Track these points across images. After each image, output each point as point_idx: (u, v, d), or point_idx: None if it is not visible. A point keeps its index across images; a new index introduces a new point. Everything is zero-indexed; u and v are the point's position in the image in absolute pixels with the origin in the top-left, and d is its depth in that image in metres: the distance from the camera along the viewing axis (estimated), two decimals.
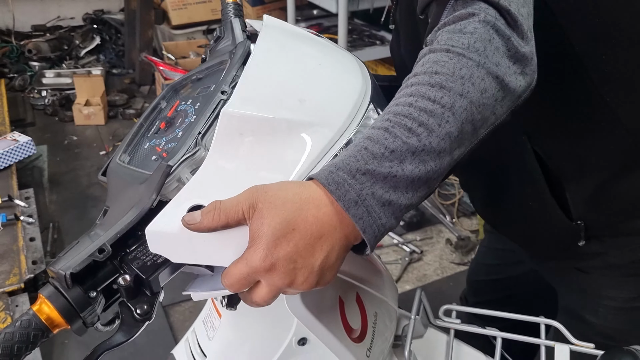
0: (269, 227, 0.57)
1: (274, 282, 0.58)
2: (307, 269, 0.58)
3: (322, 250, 0.58)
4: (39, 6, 4.87)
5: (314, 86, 0.71)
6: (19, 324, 0.60)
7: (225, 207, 0.58)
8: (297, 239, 0.57)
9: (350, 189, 0.57)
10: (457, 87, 0.60)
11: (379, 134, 0.59)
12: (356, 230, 0.58)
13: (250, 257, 0.57)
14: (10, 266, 1.98)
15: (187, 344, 0.96)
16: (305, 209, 0.57)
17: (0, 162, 2.47)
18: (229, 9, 0.87)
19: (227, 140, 0.64)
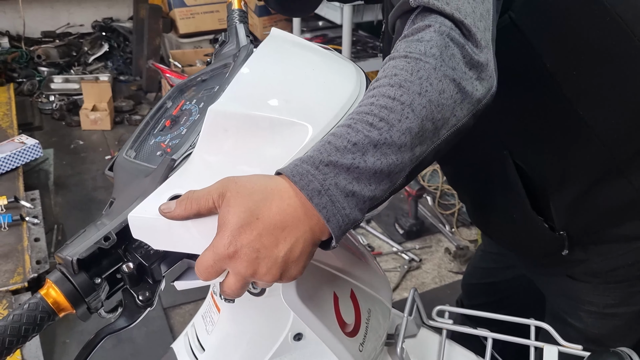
0: (234, 215, 0.58)
1: (238, 270, 0.60)
2: (269, 259, 0.59)
3: (285, 242, 0.59)
4: (50, 13, 4.95)
5: (303, 88, 0.74)
6: (27, 306, 0.63)
7: (197, 196, 0.60)
8: (260, 228, 0.58)
9: (314, 179, 0.59)
10: (416, 86, 0.62)
11: (342, 130, 0.61)
12: (321, 222, 0.59)
13: (216, 243, 0.59)
14: (15, 265, 2.01)
15: (186, 338, 0.99)
16: (269, 200, 0.59)
17: (8, 164, 2.51)
18: (234, 15, 0.91)
19: (212, 136, 0.67)
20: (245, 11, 0.93)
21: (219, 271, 0.61)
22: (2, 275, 1.95)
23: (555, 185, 0.98)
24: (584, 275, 1.06)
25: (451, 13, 0.66)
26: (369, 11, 3.07)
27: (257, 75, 0.73)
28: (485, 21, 0.69)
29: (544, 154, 0.97)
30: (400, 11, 0.71)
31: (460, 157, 0.87)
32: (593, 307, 1.07)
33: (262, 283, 0.62)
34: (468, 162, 1.05)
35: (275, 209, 0.59)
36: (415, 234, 2.80)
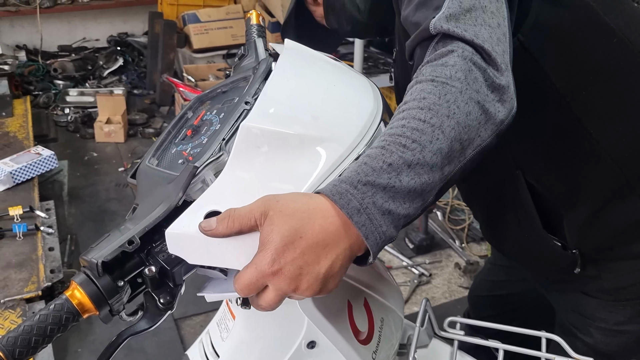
0: (278, 233, 0.60)
1: (280, 287, 0.62)
2: (311, 275, 0.61)
3: (326, 259, 0.62)
4: (66, 28, 5.04)
5: (327, 104, 0.77)
6: (53, 307, 0.65)
7: (239, 215, 0.63)
8: (303, 246, 0.61)
9: (353, 198, 0.61)
10: (444, 109, 0.65)
11: (377, 152, 0.64)
12: (360, 240, 0.62)
13: (259, 261, 0.61)
14: (29, 274, 2.03)
15: (200, 345, 1.00)
16: (313, 219, 0.61)
17: (24, 174, 2.55)
18: (253, 30, 0.94)
19: (245, 152, 0.70)
20: (263, 26, 0.96)
21: (260, 287, 0.63)
22: (17, 284, 1.97)
23: (568, 203, 0.99)
24: (595, 291, 1.07)
25: (471, 39, 0.69)
26: None
27: (283, 91, 0.76)
28: (502, 45, 0.72)
29: (556, 173, 0.99)
30: (420, 38, 0.74)
31: (474, 176, 0.89)
32: (603, 323, 1.08)
33: (297, 297, 0.64)
34: (481, 181, 1.07)
35: (318, 228, 0.61)
36: (426, 249, 2.80)
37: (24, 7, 4.60)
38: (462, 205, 2.99)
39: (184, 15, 4.49)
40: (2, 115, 3.22)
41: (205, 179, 0.71)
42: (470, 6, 0.72)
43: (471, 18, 0.71)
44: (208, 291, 0.73)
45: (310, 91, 0.78)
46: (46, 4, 4.63)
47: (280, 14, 4.07)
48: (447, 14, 0.71)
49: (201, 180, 0.71)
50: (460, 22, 0.71)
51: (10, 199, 2.43)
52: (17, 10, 4.58)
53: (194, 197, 0.72)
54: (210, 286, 0.74)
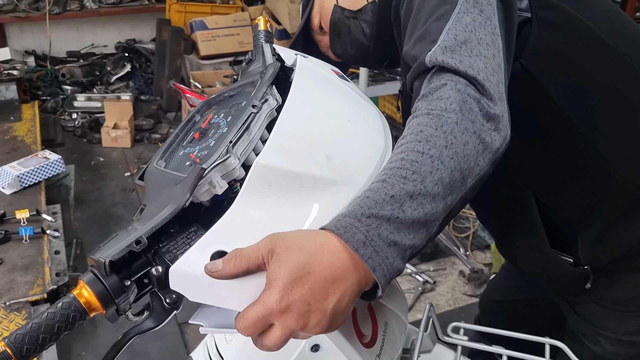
0: (285, 270, 0.60)
1: (287, 324, 0.60)
2: (320, 311, 0.60)
3: (334, 294, 0.61)
4: (75, 34, 5.08)
5: (341, 143, 0.77)
6: (60, 305, 0.66)
7: (246, 254, 0.62)
8: (311, 282, 0.60)
9: (357, 231, 0.61)
10: (441, 140, 0.67)
11: (378, 186, 0.65)
12: (368, 273, 0.62)
13: (266, 298, 0.60)
14: (35, 277, 2.04)
15: (205, 347, 1.01)
16: (320, 254, 0.61)
17: (31, 178, 2.57)
18: (261, 35, 0.96)
19: (257, 189, 0.69)
20: (271, 32, 0.97)
21: (265, 326, 0.61)
22: (22, 287, 1.98)
23: (581, 221, 1.00)
24: (606, 301, 1.07)
25: (464, 70, 0.71)
26: None
27: (298, 123, 0.75)
28: (497, 75, 0.73)
29: (566, 192, 0.99)
30: (418, 72, 0.76)
31: (485, 198, 0.90)
32: (612, 333, 1.08)
33: (304, 335, 0.63)
34: (493, 202, 1.08)
35: (326, 263, 0.61)
36: (430, 256, 2.80)
37: (34, 13, 4.65)
38: (467, 213, 2.99)
39: (191, 22, 4.52)
40: (10, 120, 3.24)
41: (212, 181, 0.71)
42: (466, 39, 0.74)
43: (466, 49, 0.73)
44: (202, 320, 0.72)
45: (324, 126, 0.78)
46: (55, 10, 4.67)
47: (287, 22, 4.09)
48: (443, 46, 0.73)
49: (208, 182, 0.71)
50: (455, 54, 0.72)
51: (17, 202, 2.44)
52: (26, 16, 4.63)
53: (200, 199, 0.73)
54: (203, 314, 0.73)
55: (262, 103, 0.76)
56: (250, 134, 0.75)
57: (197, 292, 0.66)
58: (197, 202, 0.74)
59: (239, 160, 0.73)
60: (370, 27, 1.07)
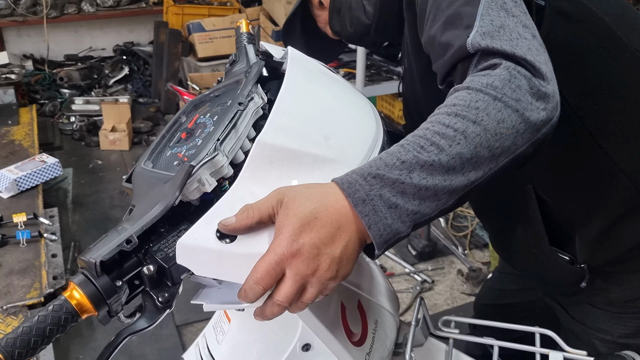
0: (294, 216, 0.62)
1: (299, 270, 0.62)
2: (328, 256, 0.63)
3: (341, 240, 0.63)
4: (73, 37, 5.09)
5: (336, 125, 0.78)
6: (51, 307, 0.66)
7: (257, 205, 0.65)
8: (319, 226, 0.63)
9: (360, 188, 0.64)
10: (471, 115, 0.66)
11: (395, 149, 0.66)
12: (365, 229, 0.64)
13: (277, 245, 0.62)
14: (32, 280, 2.05)
15: (197, 348, 1.01)
16: (326, 201, 0.64)
17: (28, 182, 2.57)
18: (243, 37, 0.96)
19: (259, 166, 0.71)
20: (253, 34, 0.98)
21: (278, 275, 0.63)
22: (20, 290, 1.99)
23: (581, 219, 0.99)
24: (601, 303, 1.07)
25: (512, 52, 0.69)
26: None
27: (294, 105, 0.77)
28: (543, 55, 0.72)
29: (568, 189, 0.98)
30: (457, 58, 0.74)
31: (485, 190, 0.90)
32: (608, 335, 1.07)
33: (313, 292, 0.64)
34: (492, 194, 1.07)
35: (332, 210, 0.64)
36: (428, 256, 2.80)
37: (31, 17, 4.65)
38: (465, 211, 2.99)
39: (188, 24, 4.53)
40: (8, 124, 3.25)
41: (201, 179, 0.71)
42: (502, 23, 0.72)
43: (505, 33, 0.71)
44: (204, 300, 0.73)
45: (320, 109, 0.80)
46: (53, 13, 4.68)
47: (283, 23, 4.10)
48: (482, 32, 0.71)
49: (197, 180, 0.71)
50: (495, 39, 0.70)
51: (15, 206, 2.45)
52: (24, 20, 4.64)
53: (189, 197, 0.73)
54: (204, 294, 0.75)
55: (248, 100, 0.76)
56: (237, 131, 0.75)
57: (203, 266, 0.66)
58: (187, 200, 0.74)
59: (227, 158, 0.74)
60: (373, 6, 1.05)
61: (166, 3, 4.81)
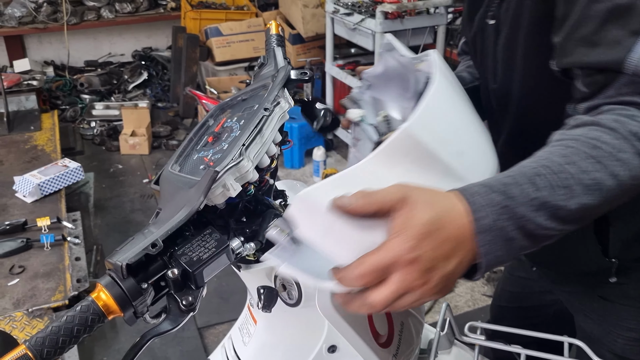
0: (419, 220, 0.57)
1: (408, 278, 0.57)
2: (441, 271, 0.58)
3: (457, 257, 0.59)
4: (93, 43, 5.16)
5: (470, 144, 0.77)
6: (79, 308, 0.67)
7: (378, 196, 0.59)
8: (442, 238, 0.58)
9: (487, 216, 0.59)
10: (613, 167, 0.62)
11: (524, 179, 0.61)
12: (477, 254, 0.60)
13: (396, 246, 0.57)
14: (56, 283, 2.07)
15: (223, 350, 1.01)
16: (451, 214, 0.59)
17: (51, 186, 2.61)
18: (273, 39, 0.96)
19: (394, 153, 0.67)
20: (283, 36, 0.98)
21: (383, 277, 0.58)
22: (44, 293, 2.02)
23: (626, 212, 0.93)
24: (621, 298, 1.05)
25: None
26: (401, 38, 3.12)
27: (441, 110, 0.74)
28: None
29: None
30: (603, 66, 0.67)
31: None
32: (631, 332, 1.05)
33: (409, 301, 0.59)
34: None
35: (456, 224, 0.59)
36: None
37: (52, 24, 4.72)
38: None
39: (206, 29, 4.57)
40: (30, 129, 3.30)
41: (226, 184, 0.72)
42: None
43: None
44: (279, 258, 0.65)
45: (460, 122, 0.78)
46: (73, 20, 4.75)
47: (300, 27, 4.11)
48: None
49: (222, 185, 0.72)
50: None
51: (39, 210, 2.49)
52: (45, 27, 4.71)
53: (215, 202, 0.74)
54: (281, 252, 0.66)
55: (274, 106, 0.77)
56: (263, 136, 0.76)
57: (311, 226, 0.61)
58: (212, 205, 0.74)
59: (252, 163, 0.74)
60: None
61: (184, 8, 4.85)
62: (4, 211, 2.48)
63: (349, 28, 3.36)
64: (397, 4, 3.16)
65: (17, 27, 4.67)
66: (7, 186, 2.65)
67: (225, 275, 2.78)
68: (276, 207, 0.88)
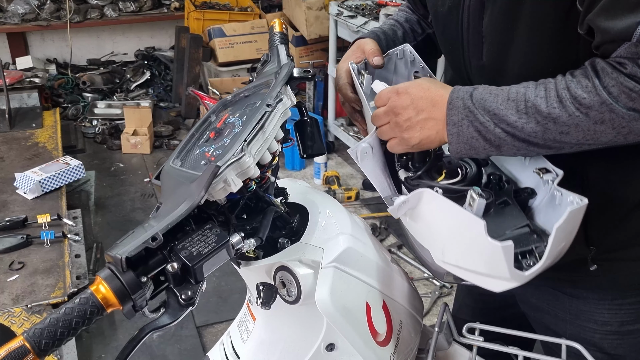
0: (411, 84, 0.88)
1: (393, 106, 0.86)
2: (411, 114, 0.85)
3: (429, 112, 0.85)
4: (95, 42, 5.17)
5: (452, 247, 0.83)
6: (78, 300, 0.67)
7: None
8: (421, 96, 0.86)
9: (458, 113, 0.83)
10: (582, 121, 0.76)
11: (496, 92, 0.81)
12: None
13: (388, 94, 0.88)
14: (56, 280, 2.08)
15: (221, 346, 1.01)
16: (437, 92, 0.86)
17: (52, 183, 2.61)
18: (276, 37, 0.96)
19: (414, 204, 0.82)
20: (286, 33, 0.98)
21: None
22: (44, 289, 2.02)
23: (610, 200, 0.94)
24: (595, 290, 1.02)
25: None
26: None
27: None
28: None
29: (614, 165, 0.92)
30: (618, 37, 0.74)
31: None
32: (607, 326, 1.04)
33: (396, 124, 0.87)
34: None
35: (435, 97, 0.86)
36: None
37: (55, 21, 4.73)
38: None
39: (209, 29, 4.57)
40: (32, 127, 3.31)
41: (227, 179, 0.72)
42: None
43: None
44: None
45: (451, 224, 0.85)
46: (76, 18, 4.76)
47: (304, 28, 4.11)
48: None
49: (223, 180, 0.72)
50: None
51: (39, 207, 2.49)
52: (48, 24, 4.72)
53: (216, 197, 0.74)
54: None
55: (276, 102, 0.77)
56: (265, 132, 0.76)
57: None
58: (213, 200, 0.75)
59: (253, 159, 0.74)
60: None
61: (187, 8, 4.86)
62: (4, 207, 2.48)
63: (353, 31, 3.37)
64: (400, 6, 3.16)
65: (20, 24, 4.67)
66: (8, 183, 2.66)
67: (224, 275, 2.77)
68: (277, 205, 0.88)
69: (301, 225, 0.90)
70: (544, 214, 0.84)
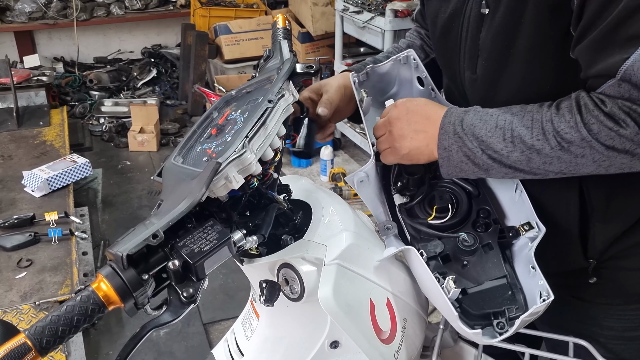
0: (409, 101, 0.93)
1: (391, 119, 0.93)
2: (405, 128, 0.90)
3: (419, 125, 0.89)
4: (102, 40, 5.18)
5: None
6: (79, 298, 0.67)
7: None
8: (417, 112, 0.91)
9: (447, 138, 0.86)
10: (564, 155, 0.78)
11: (486, 119, 0.84)
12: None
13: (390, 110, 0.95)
14: (63, 277, 2.08)
15: (225, 344, 1.01)
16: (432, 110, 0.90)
17: (59, 181, 2.62)
18: (279, 32, 0.96)
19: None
20: (289, 29, 0.97)
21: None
22: (51, 287, 2.03)
23: (611, 213, 0.93)
24: (599, 297, 1.02)
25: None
26: None
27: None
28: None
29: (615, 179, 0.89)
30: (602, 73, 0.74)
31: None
32: (611, 331, 1.03)
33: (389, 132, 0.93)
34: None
35: (429, 114, 0.90)
36: None
37: (62, 20, 4.75)
38: None
39: (215, 26, 4.57)
40: (39, 125, 3.32)
41: (229, 176, 0.72)
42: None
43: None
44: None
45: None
46: (83, 17, 4.77)
47: (310, 25, 4.10)
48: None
49: (224, 177, 0.71)
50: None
51: (47, 204, 2.50)
52: (55, 23, 4.74)
53: (217, 194, 0.73)
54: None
55: (278, 98, 0.76)
56: (267, 129, 0.75)
57: None
58: (214, 197, 0.74)
59: (255, 155, 0.74)
60: None
61: (193, 5, 4.86)
62: (12, 205, 2.49)
63: (359, 26, 3.36)
64: (407, 2, 3.15)
65: (27, 22, 4.70)
66: (16, 181, 2.67)
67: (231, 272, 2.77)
68: (280, 202, 0.87)
69: (304, 222, 0.89)
70: (523, 263, 0.90)
